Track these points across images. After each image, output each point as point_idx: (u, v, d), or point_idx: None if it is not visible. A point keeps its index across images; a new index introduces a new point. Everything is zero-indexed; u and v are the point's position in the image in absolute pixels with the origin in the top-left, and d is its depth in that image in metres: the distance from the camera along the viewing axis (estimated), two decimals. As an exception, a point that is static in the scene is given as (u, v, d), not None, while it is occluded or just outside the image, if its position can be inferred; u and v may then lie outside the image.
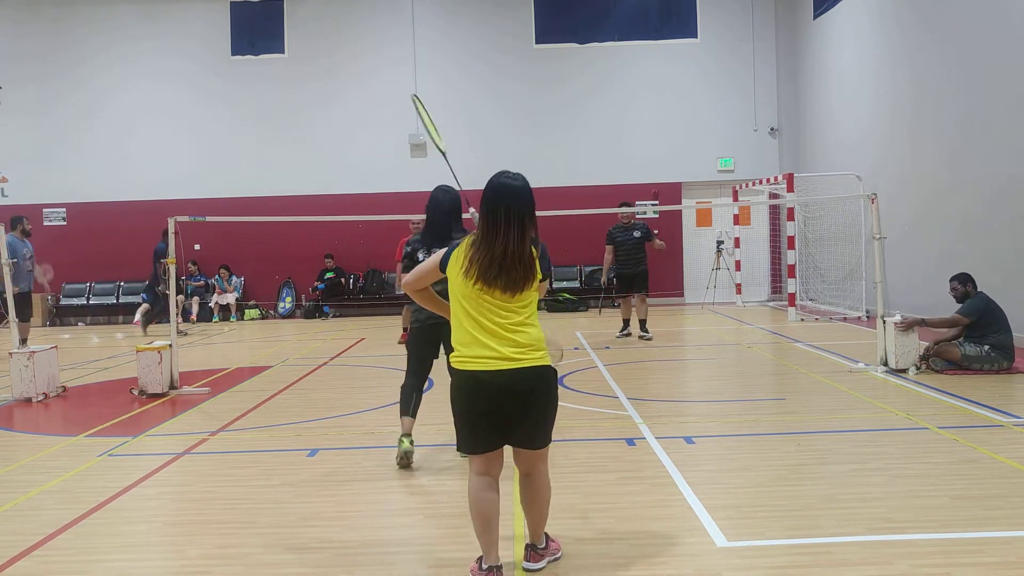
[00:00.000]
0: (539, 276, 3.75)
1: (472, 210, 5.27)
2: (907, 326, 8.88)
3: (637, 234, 12.40)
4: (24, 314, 11.50)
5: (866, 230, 13.89)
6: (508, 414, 3.71)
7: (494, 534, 3.77)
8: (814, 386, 8.40)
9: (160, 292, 14.95)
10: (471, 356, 3.70)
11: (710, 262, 18.17)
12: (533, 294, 3.74)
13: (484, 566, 3.75)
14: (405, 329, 13.11)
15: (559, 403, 3.87)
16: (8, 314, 11.37)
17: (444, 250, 3.90)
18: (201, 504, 5.15)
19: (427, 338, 5.86)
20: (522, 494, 3.95)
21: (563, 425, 6.88)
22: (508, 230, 3.63)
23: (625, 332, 12.55)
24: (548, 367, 3.75)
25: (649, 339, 12.20)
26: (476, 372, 3.67)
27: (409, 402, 5.92)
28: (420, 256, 5.82)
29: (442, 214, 5.80)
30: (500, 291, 3.64)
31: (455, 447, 6.14)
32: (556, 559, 4.01)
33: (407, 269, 5.67)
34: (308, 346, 13.16)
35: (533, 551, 3.94)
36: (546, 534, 4.01)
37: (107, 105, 18.86)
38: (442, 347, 5.87)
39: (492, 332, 3.66)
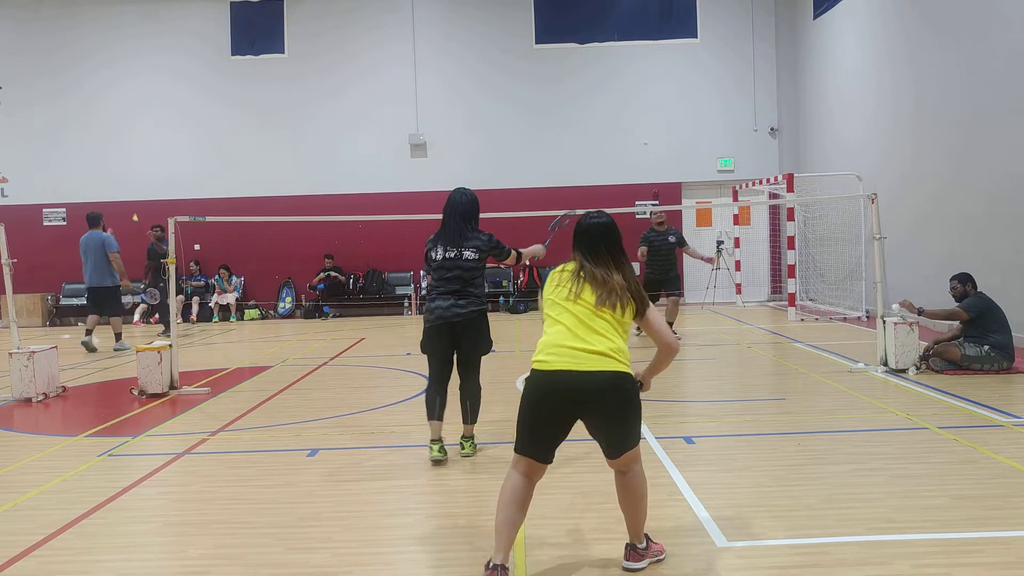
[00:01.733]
0: (632, 306, 3.90)
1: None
2: (904, 307, 8.94)
3: (672, 239, 12.38)
4: (118, 308, 13.50)
5: (866, 230, 13.89)
6: (586, 416, 3.82)
7: (511, 533, 3.76)
8: (814, 386, 8.40)
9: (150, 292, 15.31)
10: (557, 347, 3.79)
11: (710, 262, 18.14)
12: (624, 317, 3.88)
13: (490, 564, 3.71)
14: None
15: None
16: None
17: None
18: (201, 504, 5.15)
19: (440, 337, 5.91)
20: (618, 491, 3.98)
21: (563, 425, 6.89)
22: (608, 261, 3.97)
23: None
24: (628, 375, 3.81)
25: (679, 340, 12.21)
26: (553, 372, 3.77)
27: (434, 406, 5.94)
28: (432, 255, 5.95)
29: (457, 215, 5.94)
30: (595, 304, 3.87)
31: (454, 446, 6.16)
32: (659, 560, 4.00)
33: (427, 267, 5.99)
34: (308, 346, 13.15)
35: (633, 551, 3.95)
36: (647, 535, 4.01)
37: (107, 105, 18.85)
38: (458, 347, 5.98)
39: (589, 327, 3.81)
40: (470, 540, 4.36)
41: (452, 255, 5.88)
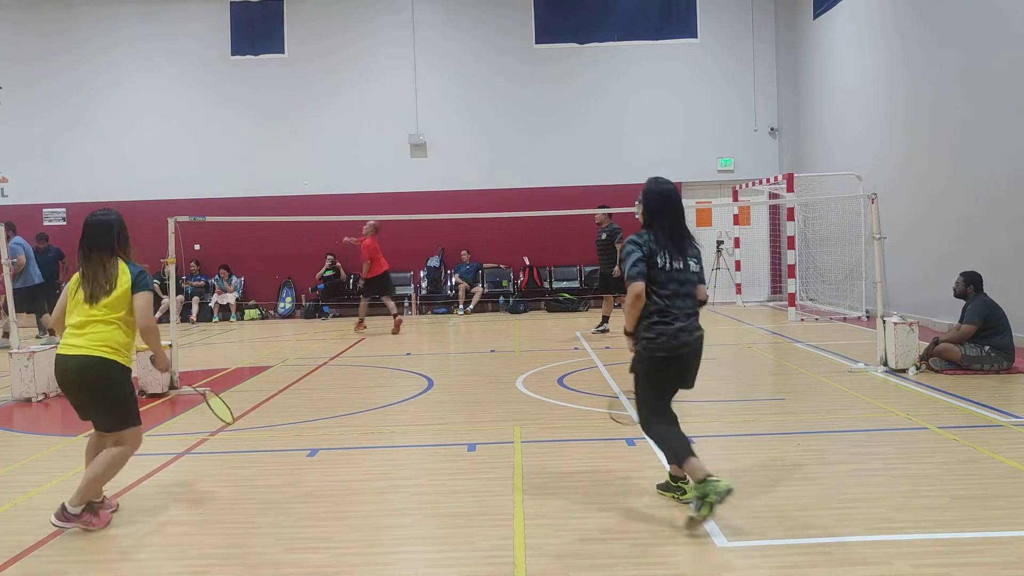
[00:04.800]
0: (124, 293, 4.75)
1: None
2: (937, 354, 8.79)
3: (603, 236, 13.18)
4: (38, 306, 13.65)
5: (866, 230, 13.89)
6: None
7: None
8: (814, 386, 8.40)
9: None
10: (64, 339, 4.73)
11: (710, 262, 18.14)
12: (117, 301, 4.70)
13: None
14: (361, 321, 14.15)
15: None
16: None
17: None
18: (201, 504, 5.15)
19: (676, 368, 4.82)
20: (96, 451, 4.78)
21: (563, 425, 6.90)
22: (98, 260, 4.94)
23: (601, 328, 13.26)
24: (107, 360, 4.61)
25: (603, 332, 13.02)
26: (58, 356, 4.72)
27: (687, 443, 4.72)
28: (659, 261, 4.80)
29: (679, 213, 5.02)
30: (84, 301, 4.76)
31: (461, 445, 6.13)
32: (90, 529, 4.55)
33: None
34: (308, 346, 13.15)
35: (63, 511, 4.49)
36: (89, 506, 4.58)
37: (107, 105, 18.85)
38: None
39: (82, 324, 4.70)
40: (470, 540, 4.36)
41: (680, 265, 4.83)
